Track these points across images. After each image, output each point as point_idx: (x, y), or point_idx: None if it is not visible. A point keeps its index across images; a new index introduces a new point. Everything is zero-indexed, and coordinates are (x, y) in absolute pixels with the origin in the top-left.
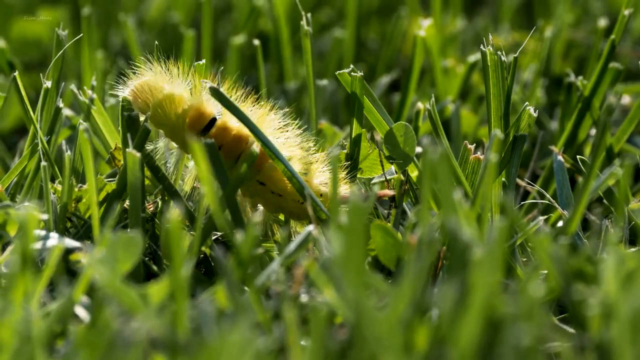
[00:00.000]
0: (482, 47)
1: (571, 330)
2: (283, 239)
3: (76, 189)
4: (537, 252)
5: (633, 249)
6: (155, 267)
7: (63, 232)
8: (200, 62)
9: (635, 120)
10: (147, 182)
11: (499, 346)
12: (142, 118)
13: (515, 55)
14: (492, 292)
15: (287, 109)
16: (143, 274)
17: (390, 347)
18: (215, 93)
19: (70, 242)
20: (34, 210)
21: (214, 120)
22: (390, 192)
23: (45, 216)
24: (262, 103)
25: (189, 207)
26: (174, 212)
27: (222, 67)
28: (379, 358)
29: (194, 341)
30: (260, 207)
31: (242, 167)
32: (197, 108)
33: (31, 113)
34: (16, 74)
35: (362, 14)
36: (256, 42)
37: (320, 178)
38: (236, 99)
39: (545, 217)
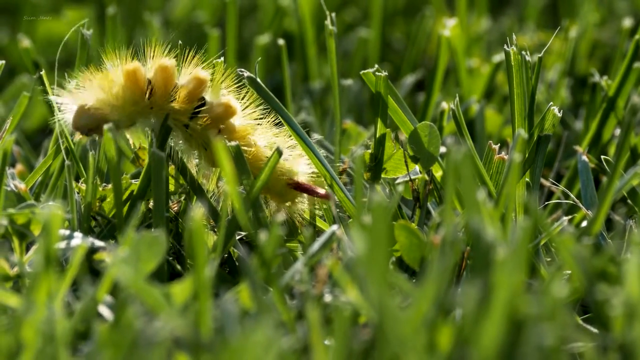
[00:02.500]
0: (506, 47)
1: (594, 330)
2: (307, 239)
3: (100, 189)
4: (560, 252)
5: None
6: (179, 267)
7: (87, 231)
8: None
9: None
10: (171, 181)
11: (522, 346)
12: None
13: (540, 55)
14: (515, 292)
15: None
16: (167, 274)
17: (413, 347)
18: (252, 82)
19: (94, 242)
20: (58, 210)
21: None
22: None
23: (69, 215)
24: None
25: (214, 206)
26: (197, 212)
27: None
28: (402, 358)
29: (217, 341)
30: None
31: (269, 163)
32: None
33: (56, 112)
34: (42, 73)
35: (387, 13)
36: (281, 41)
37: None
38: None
39: (570, 217)
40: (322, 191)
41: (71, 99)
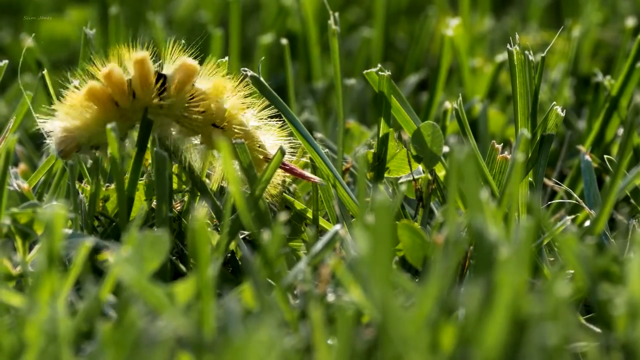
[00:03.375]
0: (509, 46)
1: (597, 330)
2: (310, 238)
3: (103, 188)
4: (563, 252)
5: None
6: (182, 266)
7: (90, 231)
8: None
9: None
10: (174, 179)
11: (525, 346)
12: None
13: (543, 55)
14: (518, 292)
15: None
16: (170, 273)
17: (416, 346)
18: (256, 82)
19: (97, 241)
20: (61, 209)
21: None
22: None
23: (72, 215)
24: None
25: (217, 205)
26: (200, 212)
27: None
28: (405, 358)
29: (220, 340)
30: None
31: (270, 168)
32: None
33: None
34: (45, 72)
35: (391, 13)
36: (284, 41)
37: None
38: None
39: (573, 216)
40: (310, 176)
41: (56, 124)
